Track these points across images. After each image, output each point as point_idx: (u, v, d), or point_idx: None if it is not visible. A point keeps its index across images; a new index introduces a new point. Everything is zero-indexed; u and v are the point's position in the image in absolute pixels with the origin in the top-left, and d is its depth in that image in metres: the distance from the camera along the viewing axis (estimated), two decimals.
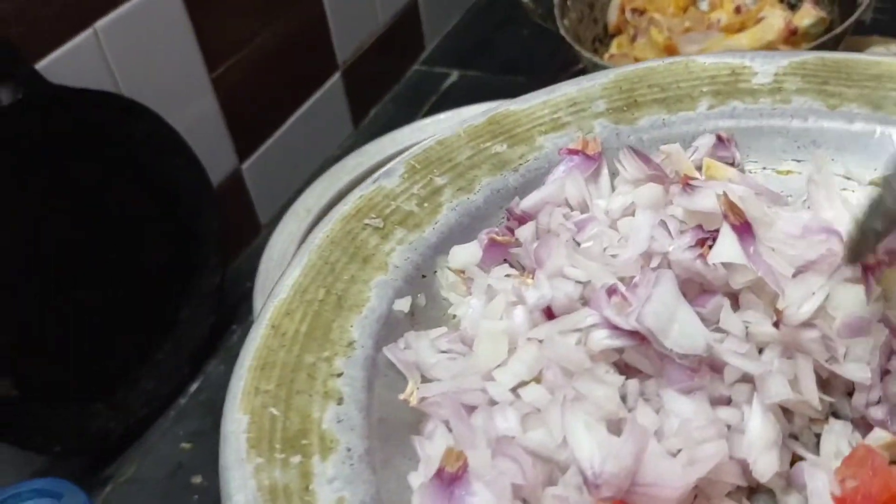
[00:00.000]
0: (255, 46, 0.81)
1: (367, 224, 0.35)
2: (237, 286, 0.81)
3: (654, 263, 0.33)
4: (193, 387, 0.73)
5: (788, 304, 0.30)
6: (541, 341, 0.31)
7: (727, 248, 0.31)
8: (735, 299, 0.32)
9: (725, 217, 0.31)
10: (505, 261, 0.37)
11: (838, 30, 0.66)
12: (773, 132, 0.40)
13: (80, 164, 0.64)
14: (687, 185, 0.34)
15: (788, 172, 0.40)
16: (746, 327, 0.31)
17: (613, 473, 0.27)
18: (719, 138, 0.39)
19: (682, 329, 0.29)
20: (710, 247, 0.32)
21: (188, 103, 0.75)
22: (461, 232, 0.36)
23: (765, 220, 0.33)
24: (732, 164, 0.39)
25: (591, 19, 0.78)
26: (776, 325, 0.30)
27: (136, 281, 0.69)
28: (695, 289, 0.32)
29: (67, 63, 0.63)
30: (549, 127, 0.40)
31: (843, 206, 0.34)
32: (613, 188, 0.38)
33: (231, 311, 0.79)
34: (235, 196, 0.82)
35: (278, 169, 0.87)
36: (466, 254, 0.36)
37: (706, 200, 0.33)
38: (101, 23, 0.65)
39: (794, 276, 0.31)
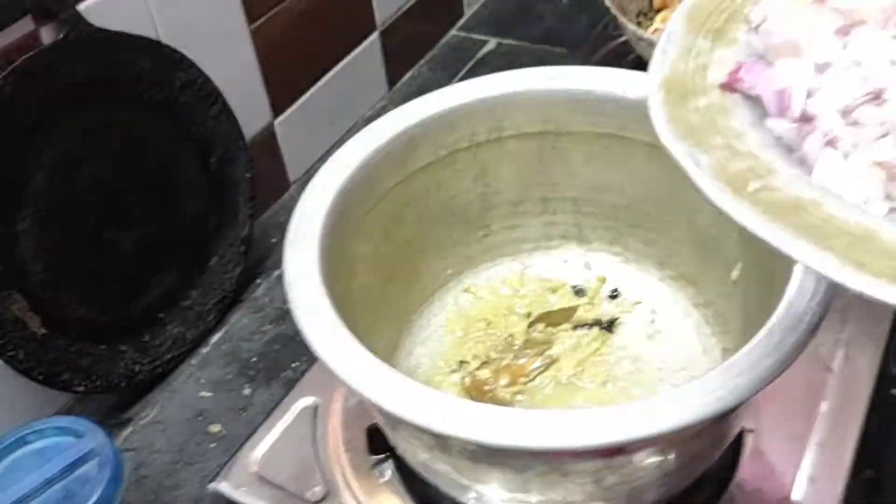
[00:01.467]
0: (295, 1, 0.80)
1: None
2: (263, 240, 0.81)
3: None
4: (216, 336, 0.73)
5: None
6: None
7: None
8: None
9: None
10: None
11: None
12: None
13: (118, 107, 0.64)
14: None
15: None
16: None
17: None
18: None
19: None
20: None
21: (226, 54, 0.74)
22: None
23: None
24: None
25: None
26: None
27: (168, 226, 0.69)
28: None
29: (109, 6, 0.63)
30: None
31: None
32: None
33: (256, 265, 0.79)
34: (267, 150, 0.82)
35: (311, 126, 0.87)
36: None
37: None
38: None
39: None
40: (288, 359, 0.71)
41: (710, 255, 0.52)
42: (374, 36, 0.93)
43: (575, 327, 0.54)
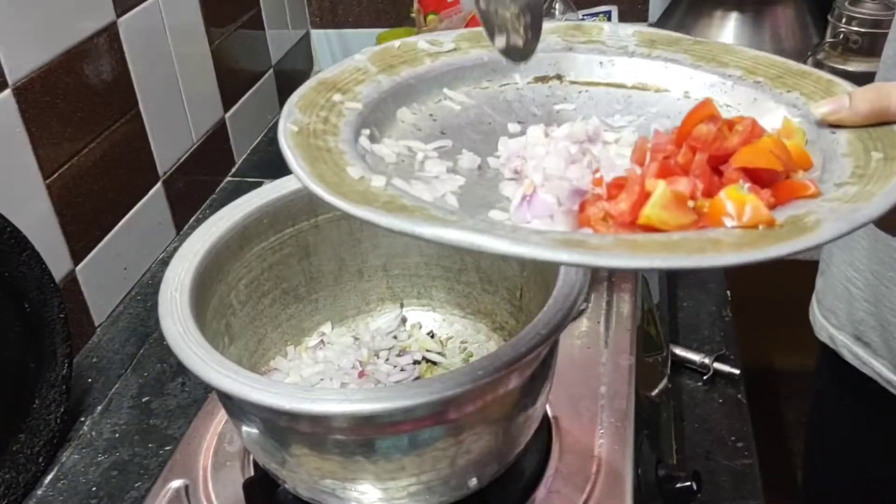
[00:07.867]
0: (84, 157, 0.87)
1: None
2: (81, 381, 0.83)
3: None
4: (49, 477, 0.73)
5: None
6: None
7: None
8: None
9: None
10: None
11: None
12: None
13: None
14: None
15: None
16: None
17: None
18: None
19: None
20: None
21: (26, 207, 0.79)
22: None
23: None
24: None
25: None
26: None
27: None
28: None
29: None
30: None
31: None
32: None
33: (78, 403, 0.80)
34: (71, 296, 0.85)
35: (110, 271, 0.91)
36: None
37: None
38: None
39: None
40: (130, 481, 0.72)
41: (496, 290, 0.65)
42: (158, 185, 1.00)
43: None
